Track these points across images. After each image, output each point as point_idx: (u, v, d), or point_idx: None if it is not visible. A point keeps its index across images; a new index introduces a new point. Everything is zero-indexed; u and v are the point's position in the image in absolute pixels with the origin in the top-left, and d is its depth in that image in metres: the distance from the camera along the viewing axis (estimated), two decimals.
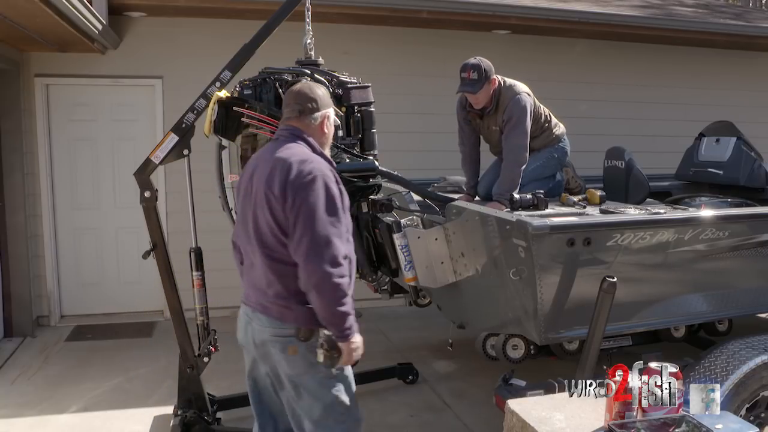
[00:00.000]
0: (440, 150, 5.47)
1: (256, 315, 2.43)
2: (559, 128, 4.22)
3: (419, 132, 6.31)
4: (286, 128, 2.47)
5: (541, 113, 4.09)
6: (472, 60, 3.85)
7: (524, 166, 3.88)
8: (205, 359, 3.66)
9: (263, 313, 2.39)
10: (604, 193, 3.98)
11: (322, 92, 2.51)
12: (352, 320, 2.27)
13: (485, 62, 3.85)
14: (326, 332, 2.30)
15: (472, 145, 4.29)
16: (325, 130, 2.50)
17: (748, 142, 4.99)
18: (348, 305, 2.24)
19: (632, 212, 3.42)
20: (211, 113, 3.35)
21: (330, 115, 2.51)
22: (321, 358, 2.28)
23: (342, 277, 2.20)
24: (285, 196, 2.26)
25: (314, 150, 2.41)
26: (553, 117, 4.20)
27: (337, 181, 2.32)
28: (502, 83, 3.93)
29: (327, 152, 2.50)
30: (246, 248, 2.46)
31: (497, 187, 3.87)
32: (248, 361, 2.61)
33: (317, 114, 2.45)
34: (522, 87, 3.96)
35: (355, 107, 3.42)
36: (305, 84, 2.61)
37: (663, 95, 7.27)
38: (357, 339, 2.31)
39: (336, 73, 3.57)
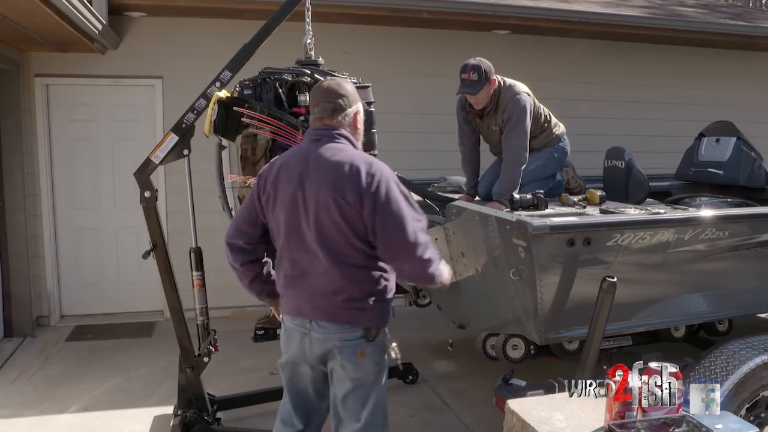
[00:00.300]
0: (440, 150, 5.47)
1: (317, 324, 2.33)
2: (559, 128, 4.22)
3: (419, 132, 6.32)
4: (323, 127, 2.39)
5: (540, 113, 4.09)
6: (472, 61, 3.84)
7: (524, 166, 3.88)
8: (205, 359, 3.66)
9: (329, 321, 2.31)
10: (604, 193, 3.97)
11: (350, 87, 2.45)
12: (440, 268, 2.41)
13: (485, 63, 3.85)
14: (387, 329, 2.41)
15: (472, 145, 4.29)
16: (358, 126, 2.46)
17: (748, 142, 4.99)
18: (439, 263, 2.38)
19: (632, 212, 3.42)
20: (211, 113, 3.35)
21: (360, 109, 2.47)
22: (395, 354, 2.41)
23: (434, 252, 2.33)
24: (361, 204, 2.23)
25: (356, 147, 2.39)
26: (553, 117, 4.20)
27: (396, 175, 2.35)
28: (502, 83, 3.93)
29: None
30: (297, 257, 2.34)
31: (497, 187, 3.87)
32: (288, 372, 2.51)
33: (349, 110, 2.40)
34: (522, 87, 3.96)
35: None
36: (333, 81, 2.49)
37: (663, 95, 7.27)
38: (445, 270, 2.47)
39: (336, 73, 3.57)
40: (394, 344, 2.42)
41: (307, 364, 2.42)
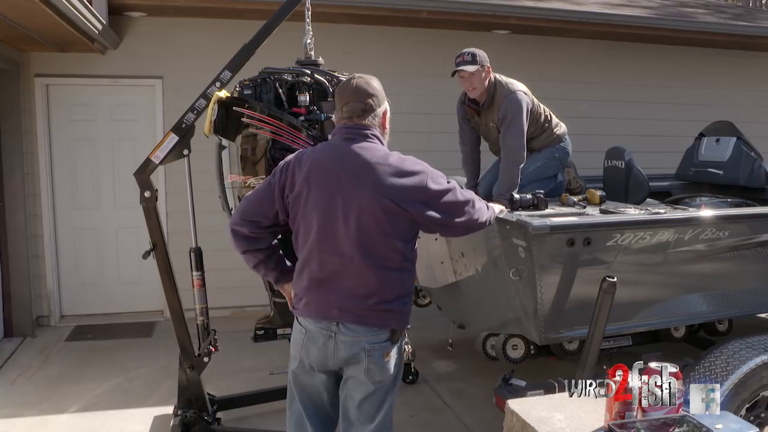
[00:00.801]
0: (441, 150, 5.43)
1: (346, 327, 2.28)
2: (560, 128, 4.21)
3: (420, 132, 6.31)
4: (354, 127, 2.34)
5: (540, 113, 4.08)
6: (467, 48, 3.89)
7: (522, 165, 3.88)
8: (205, 359, 3.65)
9: (359, 323, 2.28)
10: (604, 193, 3.98)
11: (378, 85, 2.40)
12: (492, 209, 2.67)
13: (480, 51, 3.89)
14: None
15: (472, 144, 4.29)
16: (386, 126, 2.43)
17: (748, 142, 4.99)
18: (488, 210, 2.58)
19: (632, 212, 3.42)
20: (211, 113, 3.35)
21: (388, 108, 2.44)
22: (411, 355, 2.43)
23: (482, 206, 2.52)
24: (413, 204, 2.25)
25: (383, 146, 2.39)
26: (554, 117, 4.19)
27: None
28: (500, 80, 3.94)
29: None
30: (328, 259, 2.29)
31: (497, 187, 3.87)
32: (302, 380, 2.43)
33: (379, 110, 2.37)
34: (518, 86, 3.96)
35: None
36: (361, 79, 2.40)
37: (663, 95, 7.27)
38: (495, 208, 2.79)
39: (336, 73, 3.57)
40: (409, 345, 2.47)
41: (325, 369, 2.37)
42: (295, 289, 2.42)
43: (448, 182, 2.37)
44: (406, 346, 2.44)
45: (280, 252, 2.49)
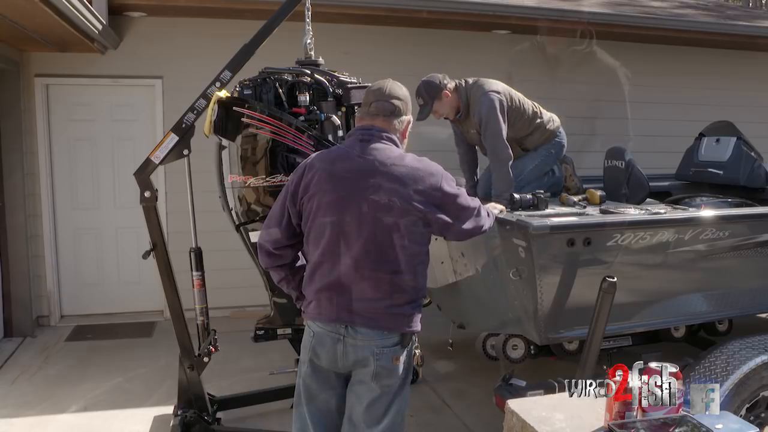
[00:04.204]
0: (441, 150, 5.44)
1: (356, 330, 2.25)
2: (553, 122, 4.17)
3: (419, 132, 6.30)
4: (372, 128, 2.34)
5: (525, 109, 4.01)
6: (419, 84, 3.84)
7: (520, 164, 3.87)
8: (205, 359, 3.65)
9: (369, 327, 2.25)
10: (604, 193, 3.98)
11: (408, 95, 2.43)
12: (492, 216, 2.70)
13: (428, 81, 3.84)
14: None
15: (466, 146, 4.30)
16: (406, 135, 2.46)
17: (748, 142, 4.99)
18: (489, 217, 2.57)
19: (632, 212, 3.42)
20: (211, 113, 3.35)
21: (412, 120, 2.45)
22: (420, 360, 2.42)
23: (484, 214, 2.51)
24: (427, 206, 2.25)
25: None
26: (544, 111, 4.13)
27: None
28: (471, 85, 3.91)
29: None
30: (339, 261, 2.26)
31: (494, 189, 3.87)
32: (312, 387, 2.37)
33: (404, 117, 2.40)
34: (490, 86, 3.90)
35: (355, 107, 3.43)
36: (395, 83, 2.42)
37: (663, 95, 7.27)
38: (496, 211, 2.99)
39: (336, 73, 3.57)
40: (420, 352, 2.45)
41: (334, 372, 2.34)
42: (306, 293, 2.39)
43: (458, 187, 2.39)
44: (415, 351, 2.41)
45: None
